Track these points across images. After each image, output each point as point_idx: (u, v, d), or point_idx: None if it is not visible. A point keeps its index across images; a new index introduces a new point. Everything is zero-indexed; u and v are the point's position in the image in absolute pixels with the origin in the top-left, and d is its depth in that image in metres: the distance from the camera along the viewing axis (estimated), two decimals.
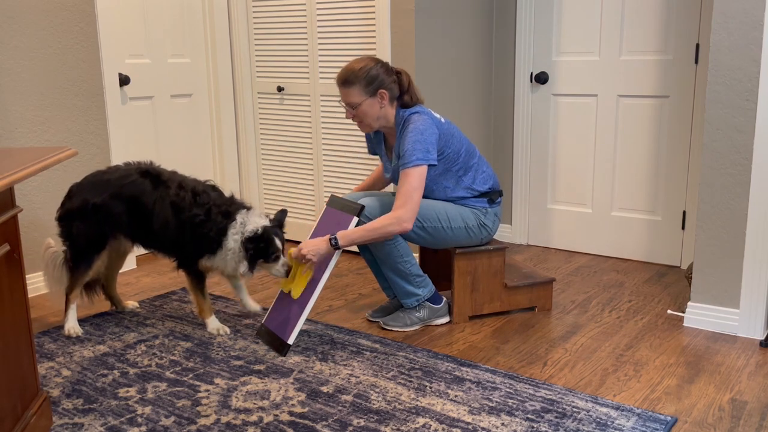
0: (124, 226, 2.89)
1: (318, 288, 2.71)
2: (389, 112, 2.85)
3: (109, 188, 2.86)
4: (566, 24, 3.93)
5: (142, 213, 2.84)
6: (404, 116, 2.83)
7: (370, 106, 2.80)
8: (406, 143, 2.75)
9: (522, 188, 4.24)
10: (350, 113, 2.83)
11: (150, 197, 2.83)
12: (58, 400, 2.39)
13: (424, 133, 2.75)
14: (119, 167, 2.94)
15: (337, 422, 2.22)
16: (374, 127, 2.87)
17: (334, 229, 2.83)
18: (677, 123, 3.69)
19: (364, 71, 2.77)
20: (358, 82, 2.76)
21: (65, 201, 2.92)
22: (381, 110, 2.82)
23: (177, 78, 4.14)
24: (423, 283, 2.97)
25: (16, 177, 1.75)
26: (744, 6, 2.69)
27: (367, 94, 2.78)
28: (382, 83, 2.78)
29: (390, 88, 2.81)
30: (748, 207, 2.81)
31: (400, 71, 2.86)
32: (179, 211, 2.79)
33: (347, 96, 2.80)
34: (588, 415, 2.26)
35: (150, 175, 2.87)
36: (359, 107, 2.79)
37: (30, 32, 3.32)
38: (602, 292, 3.44)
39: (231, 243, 2.77)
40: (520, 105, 4.15)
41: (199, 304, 2.96)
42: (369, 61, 2.80)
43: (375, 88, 2.78)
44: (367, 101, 2.79)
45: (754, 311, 2.87)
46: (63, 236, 2.92)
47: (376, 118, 2.83)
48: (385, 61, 2.89)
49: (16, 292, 1.98)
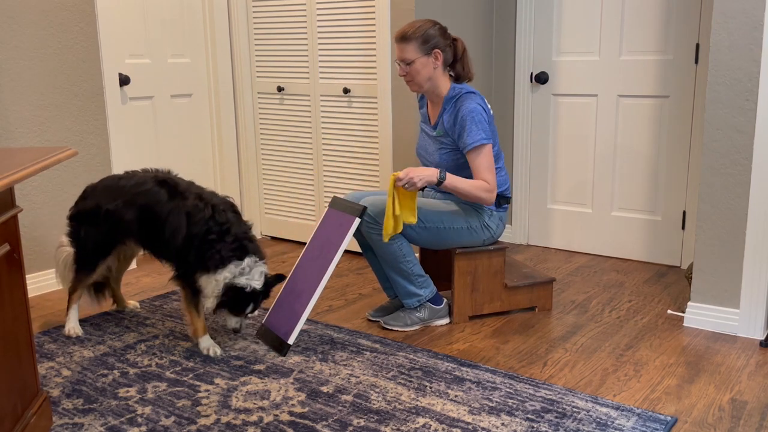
0: (136, 234, 2.82)
1: (319, 289, 2.71)
2: (440, 77, 2.89)
3: (124, 195, 2.79)
4: (566, 24, 3.93)
5: (154, 222, 2.74)
6: (461, 92, 2.87)
7: (423, 64, 2.84)
8: (466, 120, 2.79)
9: (522, 188, 4.24)
10: (403, 70, 2.87)
11: (165, 207, 2.71)
12: (58, 400, 2.39)
13: (482, 114, 2.83)
14: (136, 173, 2.86)
15: (337, 422, 2.22)
16: (424, 88, 2.90)
17: (336, 231, 2.83)
18: (677, 123, 3.69)
19: (423, 29, 2.82)
20: (414, 39, 2.81)
21: (79, 201, 2.89)
22: (434, 71, 2.86)
23: (177, 78, 4.14)
24: (425, 284, 2.97)
25: (16, 177, 1.75)
26: (744, 6, 2.69)
27: (422, 52, 2.82)
28: (437, 44, 2.84)
29: (444, 51, 2.86)
30: (748, 207, 2.81)
31: (456, 38, 2.92)
32: (193, 223, 2.67)
33: (403, 52, 2.84)
34: (588, 415, 2.26)
35: (167, 185, 2.76)
36: (413, 64, 2.83)
37: (30, 32, 3.32)
38: (602, 292, 3.44)
39: (223, 275, 2.62)
40: (520, 105, 4.15)
41: (193, 322, 2.77)
42: (427, 22, 2.86)
43: (430, 48, 2.83)
44: (421, 59, 2.83)
45: (754, 311, 2.87)
46: (71, 236, 2.90)
47: (427, 78, 2.87)
48: (444, 26, 2.92)
49: (16, 292, 1.98)
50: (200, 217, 2.66)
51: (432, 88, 2.91)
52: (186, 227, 2.67)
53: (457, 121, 2.83)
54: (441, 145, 2.93)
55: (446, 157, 2.93)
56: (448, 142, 2.91)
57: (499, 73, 4.18)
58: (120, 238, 2.87)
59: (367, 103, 3.85)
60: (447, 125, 2.88)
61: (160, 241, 2.76)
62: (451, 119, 2.86)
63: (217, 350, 2.75)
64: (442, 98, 2.92)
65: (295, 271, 2.95)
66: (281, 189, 4.36)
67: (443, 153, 2.93)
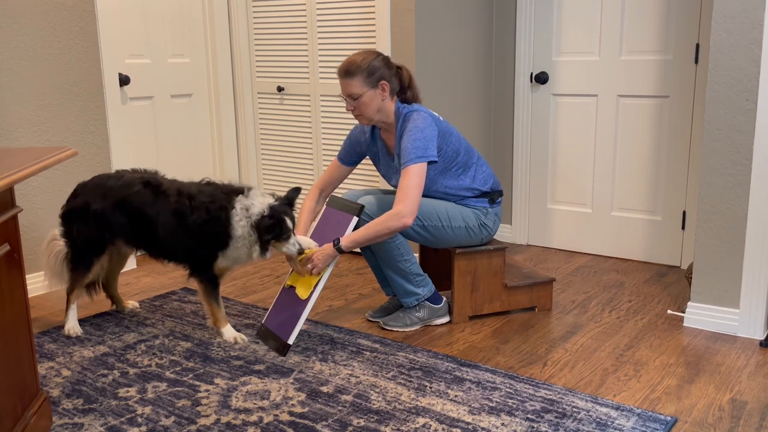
0: (127, 234, 2.86)
1: (318, 288, 2.71)
2: (389, 106, 2.84)
3: (111, 196, 2.83)
4: (566, 24, 3.93)
5: (145, 223, 2.80)
6: (402, 113, 2.83)
7: (371, 98, 2.79)
8: (405, 141, 2.75)
9: (522, 188, 4.24)
10: (351, 105, 2.82)
11: (152, 208, 2.77)
12: (58, 400, 2.39)
13: (424, 130, 2.75)
14: (126, 174, 2.91)
15: (337, 422, 2.22)
16: (374, 120, 2.85)
17: (334, 229, 2.83)
18: (677, 123, 3.69)
19: (366, 62, 2.77)
20: (359, 73, 2.76)
21: (70, 199, 2.91)
22: (382, 102, 2.81)
23: (177, 78, 4.14)
24: (423, 283, 2.97)
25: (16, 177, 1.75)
26: (744, 6, 2.69)
27: (368, 86, 2.77)
28: (383, 75, 2.79)
29: (391, 81, 2.81)
30: (748, 207, 2.81)
31: (400, 66, 2.87)
32: (182, 218, 2.74)
33: (348, 87, 2.79)
34: (588, 415, 2.26)
35: (151, 186, 2.82)
36: (360, 99, 2.78)
37: (30, 32, 3.32)
38: (602, 292, 3.44)
39: (239, 231, 2.70)
40: (520, 105, 4.15)
41: (213, 313, 2.88)
42: (370, 54, 2.81)
43: (376, 80, 2.78)
44: (368, 93, 2.78)
45: (754, 311, 2.87)
46: (65, 235, 2.92)
47: (376, 111, 2.82)
48: (386, 55, 2.88)
49: (16, 292, 1.98)
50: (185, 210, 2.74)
51: (384, 119, 2.86)
52: (179, 225, 2.75)
53: (401, 142, 2.78)
54: None
55: None
56: None
57: (499, 73, 4.18)
58: (110, 237, 2.89)
59: None
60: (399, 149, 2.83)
61: (158, 242, 2.81)
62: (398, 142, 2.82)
63: (244, 337, 2.87)
64: (393, 125, 2.88)
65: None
66: (281, 189, 4.36)
67: None
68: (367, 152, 3.05)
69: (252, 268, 3.89)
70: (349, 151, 3.05)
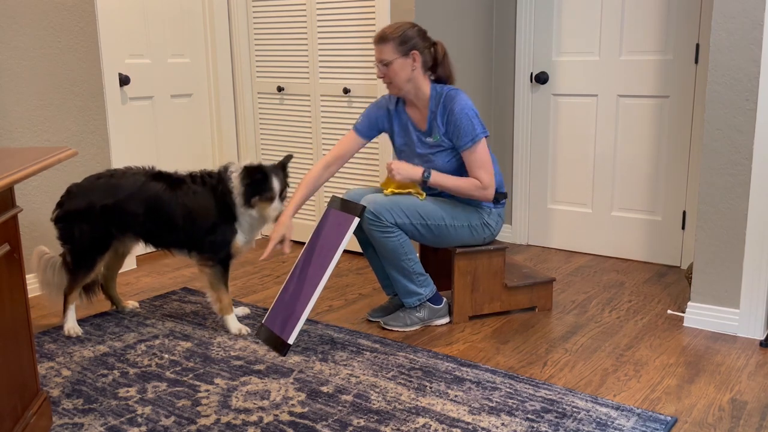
0: (138, 227, 2.89)
1: (319, 288, 2.71)
2: (421, 79, 2.87)
3: (121, 191, 2.85)
4: (566, 24, 3.93)
5: (160, 214, 2.85)
6: (444, 91, 2.87)
7: (401, 66, 2.82)
8: (462, 119, 2.80)
9: (522, 188, 4.24)
10: (381, 71, 2.86)
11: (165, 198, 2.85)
12: (58, 400, 2.39)
13: (473, 108, 2.84)
14: (127, 171, 2.94)
15: (337, 422, 2.22)
16: (404, 90, 2.88)
17: (335, 230, 2.83)
18: (677, 123, 3.69)
19: (400, 30, 2.82)
20: (392, 39, 2.81)
21: (64, 202, 2.89)
22: (412, 73, 2.84)
23: (177, 78, 4.14)
24: (425, 283, 2.97)
25: (16, 177, 1.75)
26: (744, 6, 2.69)
27: (399, 53, 2.81)
28: (415, 45, 2.83)
29: (423, 53, 2.84)
30: (748, 207, 2.81)
31: (436, 42, 2.91)
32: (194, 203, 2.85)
33: (381, 52, 2.84)
34: (588, 415, 2.26)
35: (162, 177, 2.90)
36: (391, 65, 2.82)
37: (30, 32, 3.32)
38: (602, 292, 3.44)
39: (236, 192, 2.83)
40: (520, 105, 4.15)
41: (221, 299, 2.93)
42: (406, 24, 2.87)
43: (408, 49, 2.82)
44: (399, 60, 2.82)
45: (754, 311, 2.87)
46: (63, 238, 2.90)
47: (406, 80, 2.85)
48: (424, 29, 2.91)
49: (16, 292, 1.98)
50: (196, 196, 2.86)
51: (413, 90, 2.88)
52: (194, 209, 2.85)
53: (452, 120, 2.83)
54: (440, 152, 2.90)
55: (451, 164, 2.91)
56: (447, 147, 2.89)
57: (499, 73, 4.18)
58: (119, 232, 2.90)
59: (367, 103, 3.85)
60: (443, 129, 2.87)
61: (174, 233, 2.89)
62: (445, 120, 2.85)
63: (248, 329, 2.95)
64: (426, 101, 2.90)
65: (294, 270, 2.95)
66: None
67: (447, 161, 2.90)
68: (387, 126, 3.05)
69: (252, 268, 3.89)
70: (370, 124, 3.04)
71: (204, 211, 2.85)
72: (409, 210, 2.85)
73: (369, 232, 2.86)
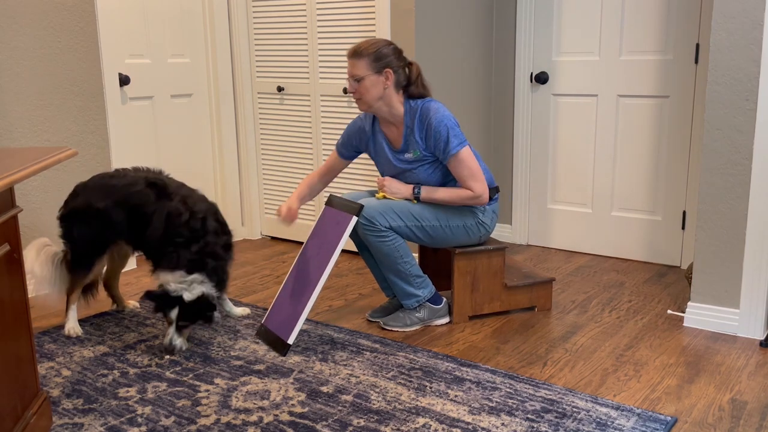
0: (125, 233, 2.86)
1: (318, 288, 2.71)
2: (393, 98, 2.84)
3: (114, 194, 2.83)
4: (566, 24, 3.93)
5: (141, 222, 2.80)
6: (419, 105, 2.85)
7: (372, 83, 2.80)
8: (440, 131, 2.78)
9: (522, 188, 4.24)
10: (352, 87, 2.84)
11: (151, 208, 2.78)
12: (58, 400, 2.39)
13: (451, 118, 2.83)
14: (128, 172, 2.91)
15: (337, 422, 2.22)
16: (373, 107, 2.85)
17: (333, 229, 2.83)
18: (677, 123, 3.69)
19: (375, 47, 2.81)
20: (366, 55, 2.79)
21: (69, 200, 2.89)
22: (384, 91, 2.82)
23: (177, 78, 4.14)
24: (423, 284, 2.97)
25: (16, 177, 1.75)
26: (744, 6, 2.69)
27: (372, 70, 2.79)
28: (389, 63, 2.81)
29: (397, 72, 2.82)
30: (748, 207, 2.81)
31: (412, 62, 2.89)
32: (170, 224, 2.73)
33: (353, 67, 2.82)
34: (588, 415, 2.26)
35: (156, 187, 2.82)
36: (362, 81, 2.80)
37: (30, 32, 3.32)
38: (602, 292, 3.44)
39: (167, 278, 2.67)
40: (520, 105, 4.15)
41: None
42: (382, 41, 2.85)
43: (382, 66, 2.80)
44: (371, 77, 2.80)
45: (754, 311, 2.87)
46: (64, 237, 2.90)
47: (377, 98, 2.82)
48: (400, 48, 2.90)
49: (16, 292, 1.98)
50: (177, 221, 2.72)
51: (386, 108, 2.85)
52: (163, 228, 2.73)
53: (431, 134, 2.80)
54: (422, 166, 2.88)
55: (434, 174, 2.90)
56: (430, 160, 2.87)
57: (499, 73, 4.18)
58: (111, 237, 2.88)
59: None
60: (422, 143, 2.84)
61: (144, 240, 2.81)
62: (424, 134, 2.83)
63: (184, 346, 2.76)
64: (401, 118, 2.87)
65: (293, 270, 2.95)
66: (281, 189, 4.36)
67: (428, 171, 2.89)
68: (364, 146, 3.03)
69: (252, 269, 3.89)
70: (346, 143, 3.06)
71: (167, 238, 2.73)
72: (402, 212, 2.84)
73: (364, 237, 2.86)
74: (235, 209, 4.45)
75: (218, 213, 2.86)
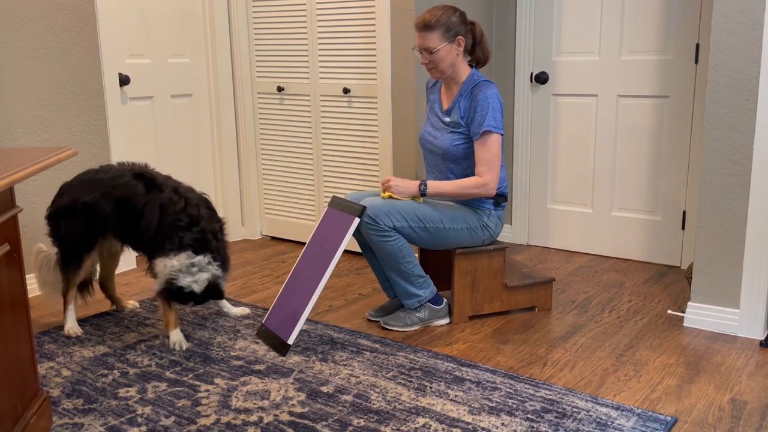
0: (113, 226, 2.86)
1: (319, 289, 2.71)
2: (461, 63, 2.93)
3: (100, 188, 2.83)
4: (566, 24, 3.93)
5: (131, 215, 2.79)
6: (478, 80, 2.90)
7: (447, 52, 2.87)
8: (483, 107, 2.82)
9: (522, 188, 4.24)
10: (426, 58, 2.90)
11: (141, 200, 2.77)
12: (58, 400, 2.39)
13: (498, 103, 2.87)
14: (112, 167, 2.91)
15: (337, 422, 2.22)
16: (447, 74, 2.93)
17: (335, 230, 2.83)
18: (677, 123, 3.69)
19: (446, 17, 2.86)
20: (438, 27, 2.85)
21: (55, 199, 2.89)
22: (456, 57, 2.89)
23: (177, 78, 4.14)
24: (425, 284, 2.97)
25: (16, 177, 1.75)
26: (744, 6, 2.69)
27: (446, 40, 2.86)
28: (459, 31, 2.88)
29: (466, 37, 2.90)
30: (748, 207, 2.81)
31: (474, 22, 2.96)
32: (166, 214, 2.73)
33: (426, 40, 2.87)
34: (588, 415, 2.26)
35: (144, 178, 2.82)
36: (437, 52, 2.86)
37: (30, 32, 3.32)
38: (602, 292, 3.44)
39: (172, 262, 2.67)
40: (520, 105, 4.15)
41: (166, 315, 2.82)
42: (448, 9, 2.90)
43: (454, 35, 2.87)
44: (445, 47, 2.86)
45: (754, 311, 2.87)
46: (52, 235, 2.90)
47: (450, 65, 2.90)
48: (462, 10, 2.95)
49: (16, 292, 1.98)
50: (172, 209, 2.74)
51: (453, 74, 2.94)
52: (158, 218, 2.74)
53: (472, 106, 2.86)
54: (452, 132, 2.93)
55: (458, 148, 2.93)
56: (462, 131, 2.91)
57: (499, 73, 4.18)
58: (100, 231, 2.87)
59: (367, 103, 3.85)
60: (462, 112, 2.90)
61: (136, 233, 2.81)
62: (467, 105, 2.89)
63: (184, 345, 2.81)
64: (460, 84, 2.94)
65: (294, 270, 2.95)
66: (281, 189, 4.36)
67: (455, 143, 2.92)
68: (429, 93, 3.13)
69: (252, 268, 3.89)
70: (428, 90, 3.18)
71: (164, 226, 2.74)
72: (407, 213, 2.85)
73: (367, 236, 2.86)
74: (235, 209, 4.45)
75: (209, 201, 2.89)
